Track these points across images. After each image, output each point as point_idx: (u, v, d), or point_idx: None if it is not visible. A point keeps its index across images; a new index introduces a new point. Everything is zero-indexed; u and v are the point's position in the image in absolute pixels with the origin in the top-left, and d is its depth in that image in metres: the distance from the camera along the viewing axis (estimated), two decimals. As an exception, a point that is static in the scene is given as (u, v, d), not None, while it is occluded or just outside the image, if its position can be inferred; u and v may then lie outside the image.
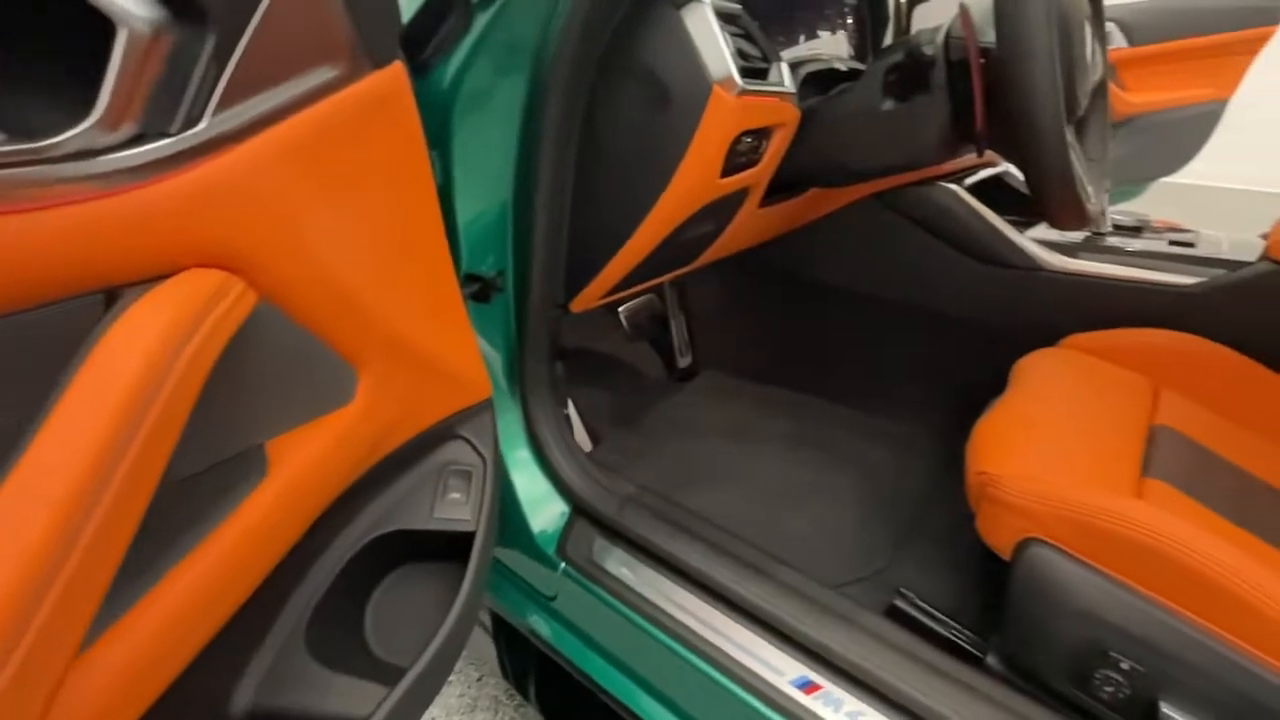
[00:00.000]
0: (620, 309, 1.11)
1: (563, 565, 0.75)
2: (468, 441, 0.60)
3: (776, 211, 0.96)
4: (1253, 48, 1.72)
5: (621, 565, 0.72)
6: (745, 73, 0.66)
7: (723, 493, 0.94)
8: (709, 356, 1.30)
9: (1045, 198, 0.64)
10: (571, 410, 1.03)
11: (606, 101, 0.69)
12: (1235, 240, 0.92)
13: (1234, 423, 0.80)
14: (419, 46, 0.60)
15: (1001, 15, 0.58)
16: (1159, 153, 1.84)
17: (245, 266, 0.39)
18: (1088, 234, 0.99)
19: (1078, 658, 0.58)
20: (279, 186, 0.39)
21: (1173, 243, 0.95)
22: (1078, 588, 0.58)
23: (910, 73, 0.72)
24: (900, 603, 0.71)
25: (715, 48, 0.64)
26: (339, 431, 0.48)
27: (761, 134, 0.76)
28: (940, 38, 0.71)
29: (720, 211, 0.83)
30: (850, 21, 0.99)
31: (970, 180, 1.06)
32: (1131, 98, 1.72)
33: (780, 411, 1.15)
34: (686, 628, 0.66)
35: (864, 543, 0.86)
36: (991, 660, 0.65)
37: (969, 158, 1.09)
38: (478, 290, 0.68)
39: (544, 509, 0.78)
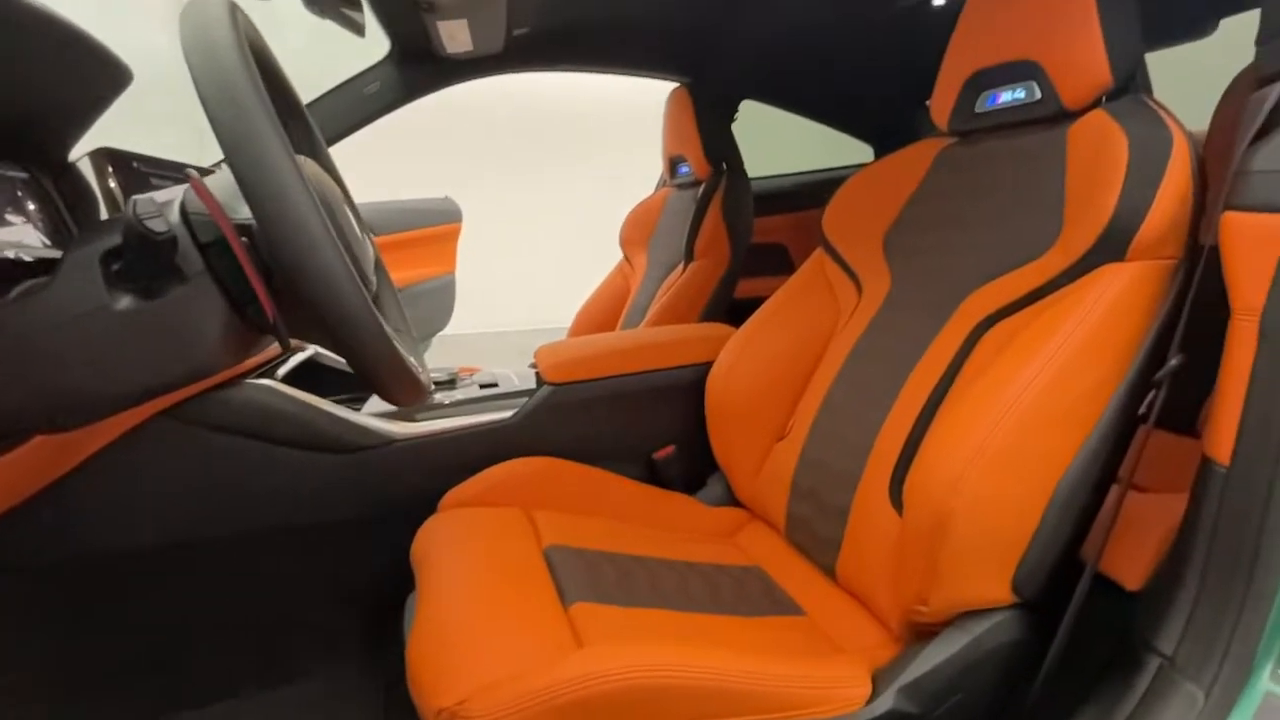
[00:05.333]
0: None
1: None
2: None
3: None
4: (453, 236, 2.41)
5: None
6: None
7: None
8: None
9: (381, 384, 0.58)
10: None
11: None
12: (519, 372, 1.13)
13: (580, 515, 0.95)
14: None
15: (260, 197, 0.48)
16: (425, 317, 2.31)
17: None
18: (417, 396, 1.03)
19: None
20: None
21: (482, 386, 1.09)
22: None
23: (141, 259, 0.53)
24: None
25: None
26: None
27: None
28: (176, 215, 0.55)
29: None
30: (29, 204, 0.71)
31: (283, 370, 0.94)
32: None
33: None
34: None
35: None
36: None
37: (275, 348, 0.97)
38: None
39: None
